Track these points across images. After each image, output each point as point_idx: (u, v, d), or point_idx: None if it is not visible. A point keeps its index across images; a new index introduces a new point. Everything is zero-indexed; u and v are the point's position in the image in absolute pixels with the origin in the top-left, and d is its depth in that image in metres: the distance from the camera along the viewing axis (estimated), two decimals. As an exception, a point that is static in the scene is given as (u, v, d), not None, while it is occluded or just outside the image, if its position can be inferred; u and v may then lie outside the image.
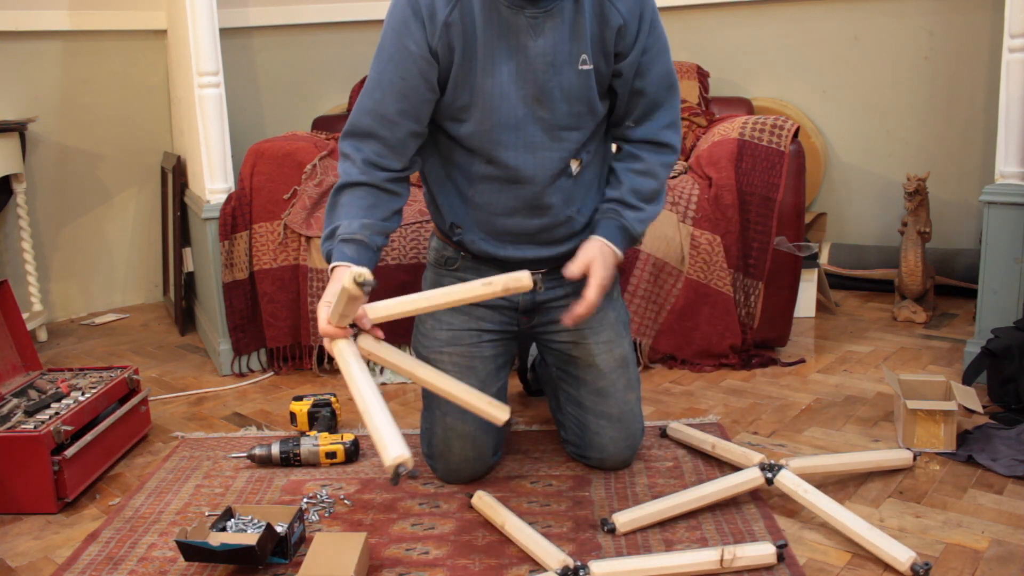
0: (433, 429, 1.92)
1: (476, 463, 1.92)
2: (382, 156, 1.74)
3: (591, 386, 1.93)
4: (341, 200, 1.75)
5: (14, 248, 3.29)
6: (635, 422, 1.96)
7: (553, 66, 1.71)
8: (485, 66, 1.70)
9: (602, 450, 1.94)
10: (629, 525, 1.70)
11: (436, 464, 1.94)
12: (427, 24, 1.67)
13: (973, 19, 3.23)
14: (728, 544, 1.60)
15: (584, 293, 1.72)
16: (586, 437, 1.95)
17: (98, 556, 1.70)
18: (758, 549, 1.56)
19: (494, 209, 1.82)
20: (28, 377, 2.25)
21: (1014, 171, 2.37)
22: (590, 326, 1.93)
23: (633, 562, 1.54)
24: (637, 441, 1.97)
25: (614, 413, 1.92)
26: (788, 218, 2.61)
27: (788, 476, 1.77)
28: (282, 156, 2.72)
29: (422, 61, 1.69)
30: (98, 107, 3.50)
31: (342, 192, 1.76)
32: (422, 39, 1.67)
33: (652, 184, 1.85)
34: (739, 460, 1.91)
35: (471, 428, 1.87)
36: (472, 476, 1.93)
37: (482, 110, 1.73)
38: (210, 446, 2.21)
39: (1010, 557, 1.60)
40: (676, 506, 1.74)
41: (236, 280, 2.70)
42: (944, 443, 2.01)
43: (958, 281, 3.22)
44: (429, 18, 1.66)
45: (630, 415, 1.95)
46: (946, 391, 2.11)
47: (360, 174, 1.74)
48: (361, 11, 3.72)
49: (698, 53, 3.61)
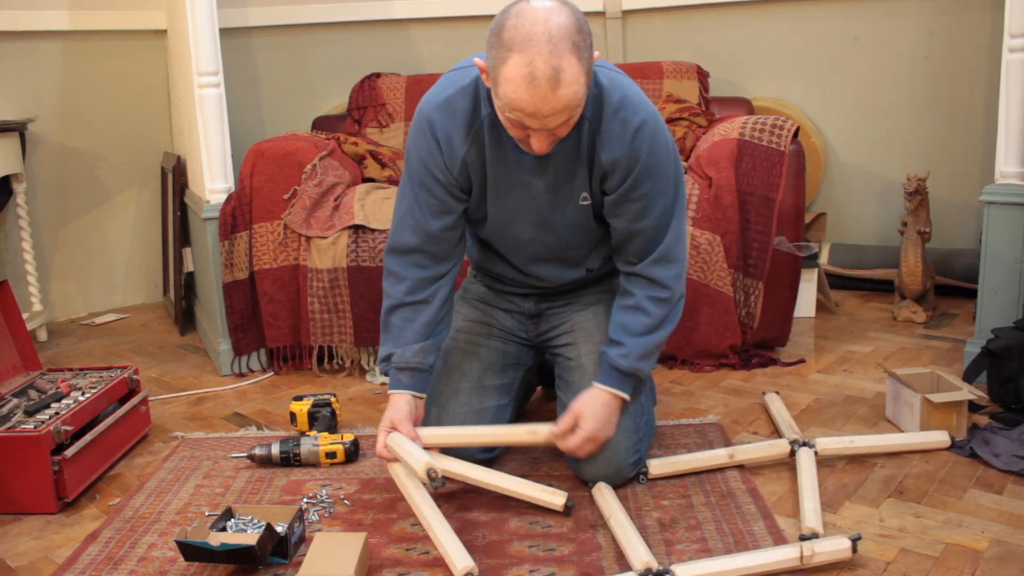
0: (427, 420, 1.93)
1: (462, 450, 1.89)
2: (428, 267, 1.86)
3: (577, 388, 1.90)
4: (393, 321, 1.88)
5: (14, 248, 3.29)
6: (620, 434, 1.83)
7: (554, 203, 1.82)
8: (494, 194, 1.83)
9: (583, 459, 1.84)
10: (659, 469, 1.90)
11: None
12: (447, 157, 1.78)
13: (973, 19, 3.23)
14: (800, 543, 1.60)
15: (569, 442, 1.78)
16: None
17: (98, 556, 1.70)
18: (834, 544, 1.58)
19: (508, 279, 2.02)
20: (28, 377, 2.25)
21: (1014, 171, 2.37)
22: (585, 330, 1.94)
23: (716, 564, 1.54)
24: (617, 456, 1.84)
25: None
26: (788, 218, 2.61)
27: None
28: (282, 156, 2.72)
29: (449, 185, 1.81)
30: (98, 107, 3.50)
31: (393, 313, 1.88)
32: (443, 167, 1.79)
33: (642, 319, 1.81)
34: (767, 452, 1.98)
35: (462, 411, 1.93)
36: None
37: (493, 226, 1.89)
38: (210, 446, 2.21)
39: (1010, 557, 1.60)
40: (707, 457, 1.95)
41: (236, 280, 2.70)
42: (957, 432, 2.07)
43: (958, 281, 3.22)
44: (449, 153, 1.78)
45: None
46: (937, 382, 2.16)
47: (406, 295, 1.86)
48: (361, 11, 3.72)
49: (698, 53, 3.60)
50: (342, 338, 2.67)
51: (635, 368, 1.81)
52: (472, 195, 1.84)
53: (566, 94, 1.50)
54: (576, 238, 1.89)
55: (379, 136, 3.40)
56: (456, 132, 1.75)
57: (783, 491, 1.87)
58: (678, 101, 3.21)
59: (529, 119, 1.54)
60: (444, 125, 1.75)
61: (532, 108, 1.51)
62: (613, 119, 1.71)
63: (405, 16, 3.74)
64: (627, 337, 1.81)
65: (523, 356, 2.07)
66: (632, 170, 1.73)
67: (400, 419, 1.80)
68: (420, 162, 1.80)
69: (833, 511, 1.78)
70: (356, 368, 2.71)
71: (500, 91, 1.54)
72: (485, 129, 1.75)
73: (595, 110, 1.71)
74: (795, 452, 1.96)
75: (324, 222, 2.66)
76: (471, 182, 1.82)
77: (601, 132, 1.72)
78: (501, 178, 1.80)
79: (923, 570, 1.57)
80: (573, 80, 1.50)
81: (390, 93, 3.46)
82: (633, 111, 1.71)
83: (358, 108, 3.45)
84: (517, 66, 1.49)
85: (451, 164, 1.78)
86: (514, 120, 1.57)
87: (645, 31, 3.78)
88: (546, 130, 1.57)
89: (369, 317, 2.64)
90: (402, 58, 3.74)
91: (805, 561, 1.56)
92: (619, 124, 1.71)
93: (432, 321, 1.86)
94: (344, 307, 2.64)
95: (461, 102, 1.74)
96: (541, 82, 1.48)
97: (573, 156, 1.76)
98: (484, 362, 2.00)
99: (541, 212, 1.83)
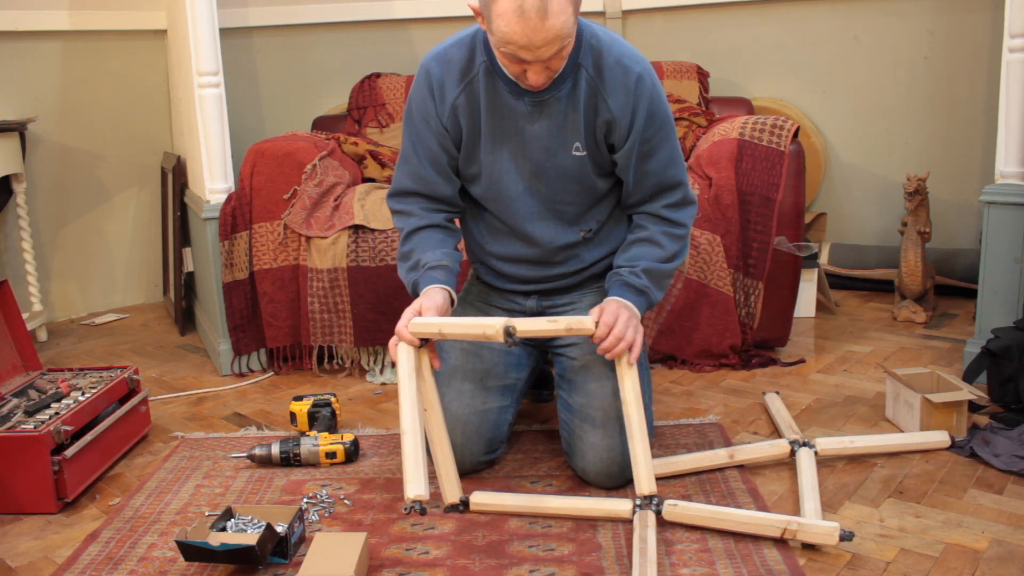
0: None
1: (464, 450, 1.90)
2: (430, 209, 1.95)
3: (579, 387, 1.91)
4: (412, 242, 1.93)
5: (14, 248, 3.29)
6: (622, 432, 1.82)
7: (548, 150, 1.87)
8: (488, 143, 1.88)
9: (583, 457, 1.87)
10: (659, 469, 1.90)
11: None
12: (438, 103, 1.87)
13: (973, 19, 3.23)
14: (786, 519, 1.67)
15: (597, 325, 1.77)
16: (572, 443, 1.91)
17: (98, 556, 1.70)
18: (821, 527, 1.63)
19: (505, 256, 1.99)
20: (28, 377, 2.25)
21: (1014, 171, 2.37)
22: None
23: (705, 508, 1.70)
24: (621, 455, 1.83)
25: (597, 417, 1.86)
26: (788, 218, 2.61)
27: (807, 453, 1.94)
28: (282, 156, 2.72)
29: (438, 134, 1.90)
30: (98, 107, 3.50)
31: (411, 237, 1.93)
32: (434, 114, 1.88)
33: (655, 251, 1.89)
34: (767, 452, 1.98)
35: (464, 412, 1.93)
36: (462, 467, 1.89)
37: (487, 180, 1.92)
38: (210, 446, 2.21)
39: (1010, 557, 1.60)
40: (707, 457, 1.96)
41: (236, 280, 2.70)
42: (957, 432, 2.07)
43: (958, 281, 3.22)
44: (440, 99, 1.86)
45: (615, 424, 1.84)
46: (937, 382, 2.16)
47: (420, 220, 1.94)
48: (361, 11, 3.72)
49: (698, 53, 3.61)
50: (342, 338, 2.67)
51: (646, 286, 1.86)
52: (463, 146, 1.90)
53: (555, 24, 1.60)
54: (570, 191, 1.91)
55: (379, 136, 3.40)
56: (449, 79, 1.85)
57: (783, 491, 1.87)
58: (678, 101, 3.21)
59: (523, 51, 1.63)
60: (439, 74, 1.85)
61: (524, 40, 1.61)
62: (615, 67, 1.81)
63: (405, 16, 3.74)
64: (638, 261, 1.87)
65: (525, 357, 2.06)
66: (638, 111, 1.81)
67: (430, 306, 1.78)
68: (415, 109, 1.90)
69: (833, 511, 1.78)
70: (356, 368, 2.71)
71: (494, 27, 1.63)
72: (480, 77, 1.83)
73: (594, 60, 1.80)
74: (795, 452, 1.96)
75: (324, 222, 2.66)
76: (461, 130, 1.88)
77: (604, 80, 1.81)
78: (495, 127, 1.86)
79: (923, 570, 1.57)
80: (560, 10, 1.60)
81: (390, 93, 3.46)
82: (634, 60, 1.82)
83: (358, 108, 3.45)
84: (507, 1, 1.59)
85: (441, 111, 1.86)
86: (509, 54, 1.66)
87: (645, 31, 3.78)
88: (540, 62, 1.66)
89: (369, 317, 2.64)
90: (402, 58, 3.74)
91: (787, 534, 1.62)
92: (621, 72, 1.81)
93: (447, 239, 1.93)
94: (344, 307, 2.64)
95: (457, 52, 1.85)
96: (531, 13, 1.58)
97: (569, 104, 1.82)
98: (487, 363, 1.99)
99: (535, 159, 1.87)
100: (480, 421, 1.93)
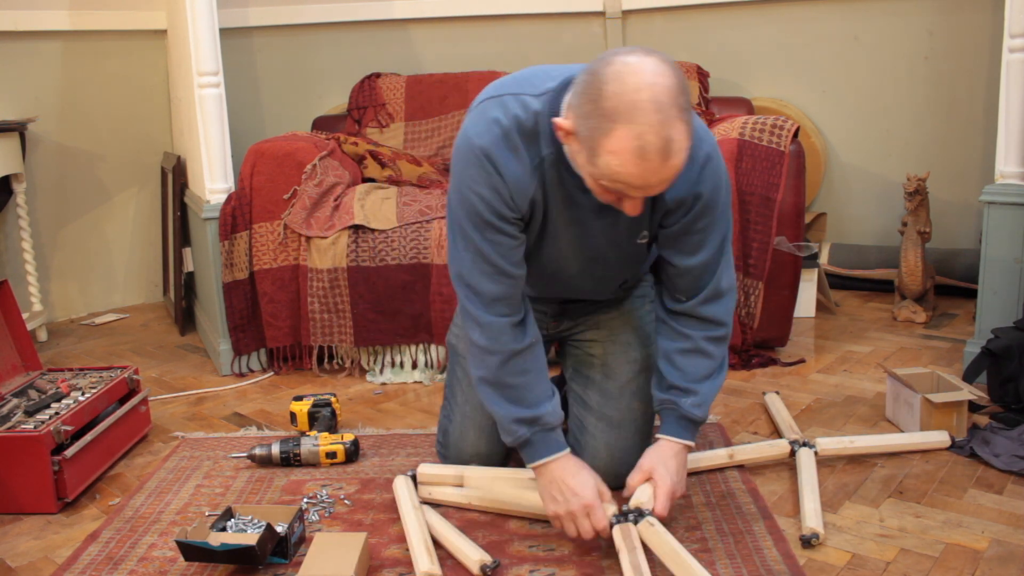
0: (451, 417, 1.93)
1: (487, 459, 1.91)
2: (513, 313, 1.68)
3: (598, 386, 1.89)
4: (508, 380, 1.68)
5: (14, 248, 3.29)
6: (636, 433, 1.86)
7: (613, 242, 1.72)
8: (552, 234, 1.69)
9: (594, 456, 1.83)
10: None
11: (448, 453, 1.95)
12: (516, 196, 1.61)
13: (973, 19, 3.23)
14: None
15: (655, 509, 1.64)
16: (582, 440, 1.88)
17: (98, 556, 1.70)
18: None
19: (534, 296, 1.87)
20: (28, 377, 2.25)
21: (1014, 171, 2.37)
22: (611, 328, 1.92)
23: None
24: (633, 456, 1.77)
25: (614, 417, 1.86)
26: (788, 218, 2.60)
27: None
28: (282, 156, 2.72)
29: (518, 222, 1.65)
30: (98, 107, 3.50)
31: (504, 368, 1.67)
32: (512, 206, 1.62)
33: (705, 362, 1.74)
34: (767, 452, 1.98)
35: (489, 421, 1.86)
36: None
37: (538, 266, 1.74)
38: (210, 446, 2.21)
39: (1010, 557, 1.60)
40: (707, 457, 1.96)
41: (236, 280, 2.70)
42: (957, 432, 2.07)
43: (958, 281, 3.22)
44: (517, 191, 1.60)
45: (631, 425, 1.85)
46: (937, 382, 2.16)
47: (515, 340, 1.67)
48: (361, 11, 3.72)
49: (698, 53, 3.60)
50: (342, 338, 2.67)
51: (707, 416, 1.76)
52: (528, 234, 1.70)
53: (676, 163, 1.41)
54: (626, 270, 1.84)
55: (379, 136, 3.40)
56: (523, 170, 1.60)
57: (783, 491, 1.87)
58: (678, 101, 3.20)
59: (633, 190, 1.45)
60: (507, 161, 1.58)
61: (640, 181, 1.42)
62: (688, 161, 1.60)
63: (405, 16, 3.74)
64: (696, 384, 1.73)
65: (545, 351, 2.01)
66: (695, 205, 1.65)
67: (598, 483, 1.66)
68: (483, 202, 1.59)
69: (833, 511, 1.78)
70: (356, 368, 2.71)
71: (601, 162, 1.42)
72: (546, 167, 1.61)
73: None
74: (795, 452, 1.96)
75: (324, 222, 2.66)
76: (531, 220, 1.67)
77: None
78: (560, 217, 1.67)
79: (923, 570, 1.57)
80: (683, 148, 1.40)
81: (390, 93, 3.46)
82: (698, 144, 1.59)
83: (358, 108, 3.46)
84: (625, 140, 1.38)
85: (520, 202, 1.62)
86: (613, 189, 1.46)
87: (645, 31, 3.78)
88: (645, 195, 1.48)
89: (369, 317, 2.64)
90: (402, 58, 3.74)
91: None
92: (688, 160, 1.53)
93: (544, 367, 1.72)
94: (344, 307, 2.64)
95: (519, 139, 1.59)
96: (652, 155, 1.38)
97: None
98: None
99: (597, 248, 1.73)
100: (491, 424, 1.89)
